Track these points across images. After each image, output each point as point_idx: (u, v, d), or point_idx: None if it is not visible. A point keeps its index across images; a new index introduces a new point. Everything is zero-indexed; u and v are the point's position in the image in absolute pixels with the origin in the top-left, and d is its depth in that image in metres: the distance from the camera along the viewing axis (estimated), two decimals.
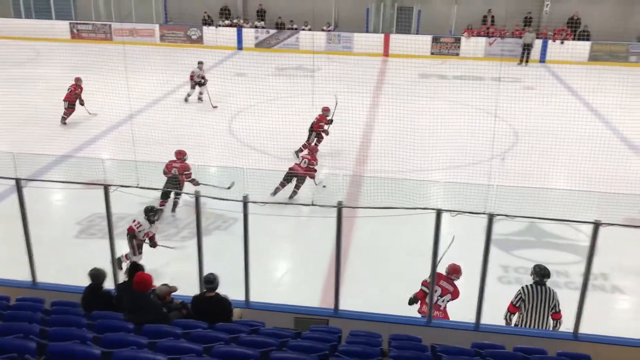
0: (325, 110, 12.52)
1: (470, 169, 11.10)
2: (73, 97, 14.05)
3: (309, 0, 24.27)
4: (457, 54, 23.55)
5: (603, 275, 7.83)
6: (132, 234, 7.65)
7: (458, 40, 23.63)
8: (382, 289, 7.44)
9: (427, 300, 6.03)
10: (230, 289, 5.74)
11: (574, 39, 23.21)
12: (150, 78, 14.22)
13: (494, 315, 6.51)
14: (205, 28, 24.80)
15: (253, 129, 12.34)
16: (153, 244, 7.78)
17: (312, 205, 5.65)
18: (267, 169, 10.45)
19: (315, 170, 10.37)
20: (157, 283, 5.67)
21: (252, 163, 10.86)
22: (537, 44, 22.91)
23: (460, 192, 6.62)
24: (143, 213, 7.72)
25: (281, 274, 8.24)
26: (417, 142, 11.26)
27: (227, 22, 25.17)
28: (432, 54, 23.69)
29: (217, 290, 5.46)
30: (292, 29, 24.58)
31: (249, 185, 10.36)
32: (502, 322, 6.15)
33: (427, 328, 5.73)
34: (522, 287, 6.10)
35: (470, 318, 5.77)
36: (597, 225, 5.18)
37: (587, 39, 23.06)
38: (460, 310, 6.19)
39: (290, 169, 10.08)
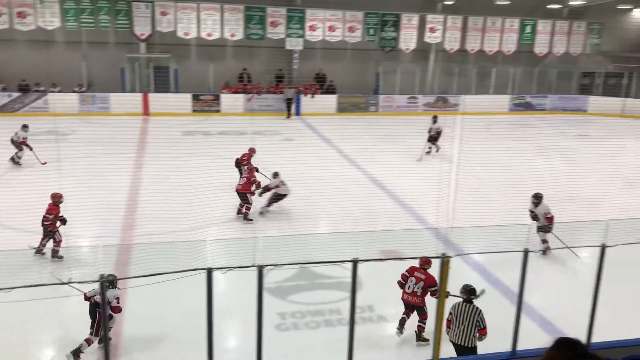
0: (252, 150, 13.51)
1: (239, 222, 11.30)
2: None
3: (56, 61, 22.85)
4: (219, 111, 24.14)
5: (369, 307, 8.45)
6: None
7: (218, 97, 24.27)
8: None
9: (406, 289, 7.57)
10: None
11: (322, 93, 25.51)
12: None
13: None
14: None
15: None
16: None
17: (69, 283, 5.12)
18: (17, 248, 9.29)
19: (257, 183, 11.66)
20: None
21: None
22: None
23: (229, 247, 6.64)
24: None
25: None
26: (185, 200, 11.10)
27: None
28: (194, 111, 23.94)
29: None
30: (38, 91, 22.73)
31: None
32: None
33: None
34: (453, 304, 6.71)
35: None
36: (355, 262, 5.59)
37: (334, 93, 25.57)
38: None
39: (236, 190, 11.53)
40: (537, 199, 10.73)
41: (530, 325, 7.63)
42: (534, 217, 10.67)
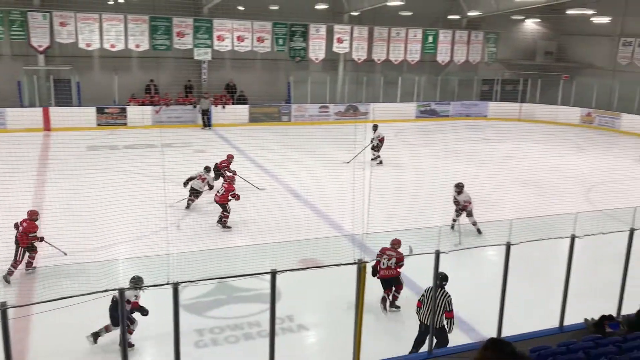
0: (230, 156, 14.85)
1: (152, 238, 10.94)
2: None
3: None
4: (125, 124, 23.29)
5: (289, 317, 8.44)
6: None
7: (124, 110, 23.44)
8: None
9: (382, 265, 8.49)
10: None
11: (233, 104, 25.26)
12: None
13: None
14: None
15: None
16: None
17: None
18: None
19: (234, 196, 12.21)
20: None
21: None
22: None
23: (142, 265, 6.41)
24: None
25: None
26: (92, 218, 10.61)
27: None
28: (98, 125, 22.97)
29: None
30: None
31: None
32: None
33: None
34: (426, 288, 7.25)
35: None
36: (274, 273, 5.57)
37: (245, 103, 25.39)
38: None
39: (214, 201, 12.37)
40: (459, 187, 12.07)
41: None
42: (456, 202, 12.07)
